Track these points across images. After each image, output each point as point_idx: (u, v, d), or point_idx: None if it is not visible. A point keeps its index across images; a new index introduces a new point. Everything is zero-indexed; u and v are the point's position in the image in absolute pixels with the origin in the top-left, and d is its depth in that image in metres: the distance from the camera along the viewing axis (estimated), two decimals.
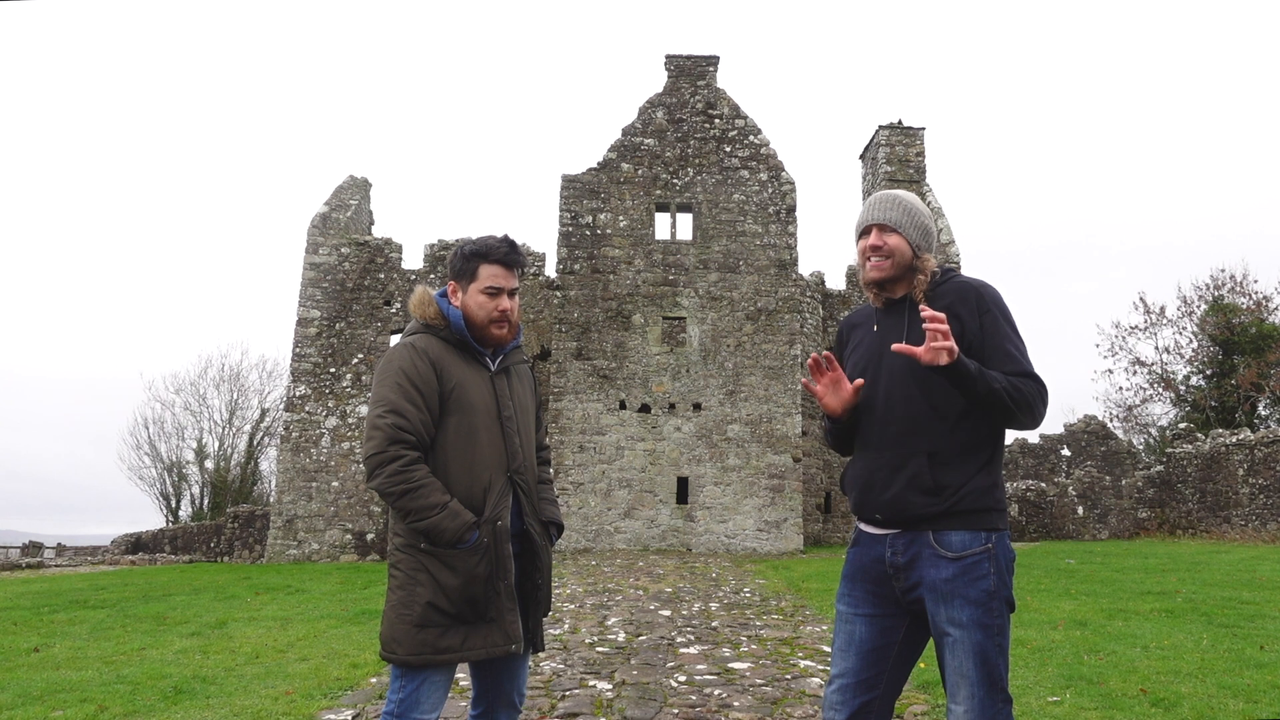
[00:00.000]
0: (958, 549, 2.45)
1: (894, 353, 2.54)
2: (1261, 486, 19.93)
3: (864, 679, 2.54)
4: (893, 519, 2.53)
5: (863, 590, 2.61)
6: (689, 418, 19.76)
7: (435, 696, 2.77)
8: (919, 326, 2.55)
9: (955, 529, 2.46)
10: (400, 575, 2.78)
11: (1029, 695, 5.08)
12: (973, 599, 2.41)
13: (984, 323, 2.53)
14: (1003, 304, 2.59)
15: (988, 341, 2.51)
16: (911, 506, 2.48)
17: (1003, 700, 2.40)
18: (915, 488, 2.47)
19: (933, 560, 2.46)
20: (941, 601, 2.44)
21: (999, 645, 2.41)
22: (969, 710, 2.39)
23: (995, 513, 2.50)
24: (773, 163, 21.07)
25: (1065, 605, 8.92)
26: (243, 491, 34.40)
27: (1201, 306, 32.62)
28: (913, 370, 2.52)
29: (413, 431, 2.75)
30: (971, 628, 2.40)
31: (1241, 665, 5.78)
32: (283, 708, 5.04)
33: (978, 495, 2.47)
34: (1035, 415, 2.47)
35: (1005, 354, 2.50)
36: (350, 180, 24.48)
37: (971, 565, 2.43)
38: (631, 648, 6.76)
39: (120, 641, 7.95)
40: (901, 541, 2.52)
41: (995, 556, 2.46)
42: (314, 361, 21.90)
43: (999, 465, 2.56)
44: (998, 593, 2.43)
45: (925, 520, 2.48)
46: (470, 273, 2.93)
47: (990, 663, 2.39)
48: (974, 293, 2.58)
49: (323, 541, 21.04)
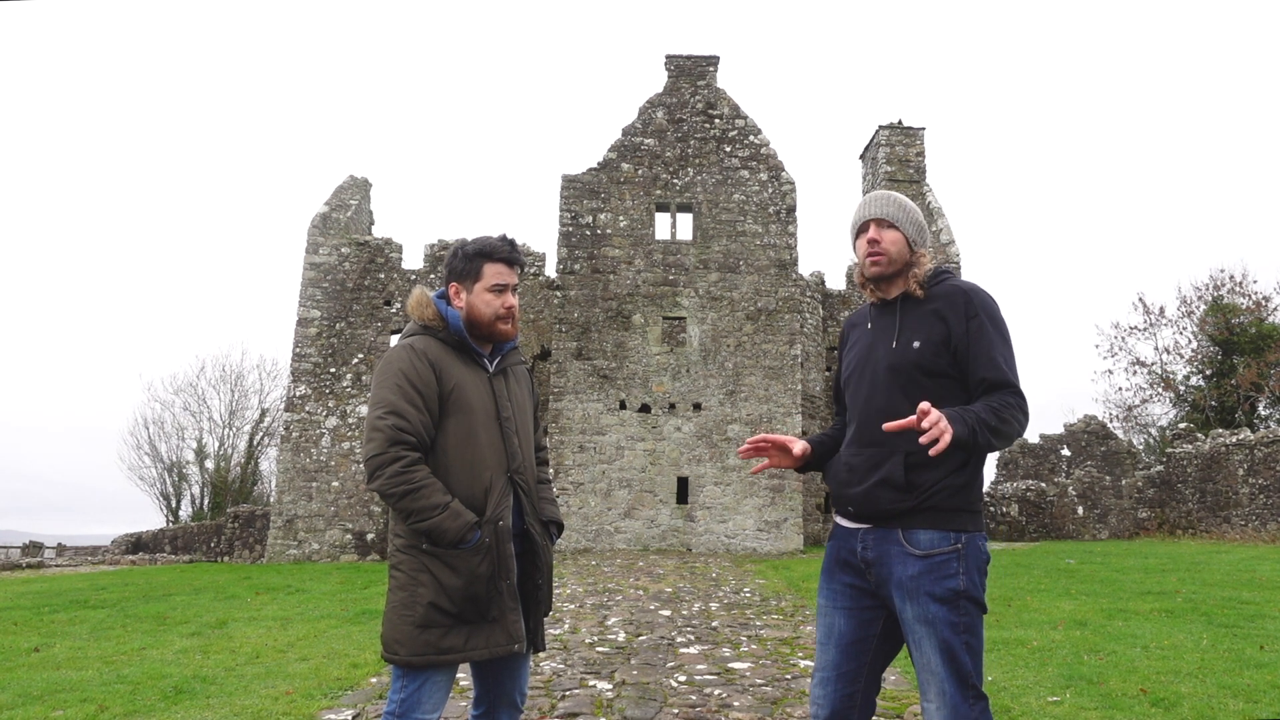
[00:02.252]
0: (925, 547, 2.46)
1: (879, 353, 2.62)
2: (1261, 486, 19.93)
3: (845, 672, 2.58)
4: (864, 513, 2.56)
5: (840, 583, 2.64)
6: (689, 418, 19.76)
7: (437, 697, 2.77)
8: (909, 323, 2.60)
9: (924, 527, 2.48)
10: (402, 576, 2.78)
11: (1029, 695, 5.09)
12: (939, 596, 2.43)
13: (970, 327, 2.53)
14: (993, 309, 2.57)
15: (973, 346, 2.51)
16: (881, 502, 2.51)
17: (974, 697, 2.41)
18: (887, 484, 2.50)
19: (901, 557, 2.48)
20: (909, 598, 2.46)
21: (966, 643, 2.42)
22: (940, 707, 2.41)
23: (967, 513, 2.51)
24: (773, 163, 21.07)
25: (1065, 605, 8.92)
26: (243, 491, 34.38)
27: (1201, 306, 32.62)
28: (894, 372, 2.57)
29: (413, 433, 2.75)
30: (938, 624, 2.42)
31: (1241, 665, 5.79)
32: (283, 708, 5.04)
33: (949, 494, 2.48)
34: (1017, 436, 2.48)
35: (989, 360, 2.50)
36: (350, 180, 24.48)
37: (940, 564, 2.45)
38: (631, 648, 6.76)
39: (120, 641, 7.95)
40: (872, 537, 2.55)
41: (965, 556, 2.47)
42: (314, 361, 21.90)
43: (977, 468, 2.56)
44: (966, 592, 2.44)
45: (894, 517, 2.50)
46: (474, 272, 2.94)
47: (957, 659, 2.40)
48: (963, 296, 2.58)
49: (323, 541, 21.04)
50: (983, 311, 2.55)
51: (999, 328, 2.55)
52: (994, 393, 2.47)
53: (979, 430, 2.34)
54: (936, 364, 2.53)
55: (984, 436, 2.35)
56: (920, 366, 2.53)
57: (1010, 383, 2.48)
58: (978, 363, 2.50)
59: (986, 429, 2.36)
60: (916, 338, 2.56)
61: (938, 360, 2.53)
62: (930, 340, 2.54)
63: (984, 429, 2.35)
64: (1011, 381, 2.48)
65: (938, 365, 2.53)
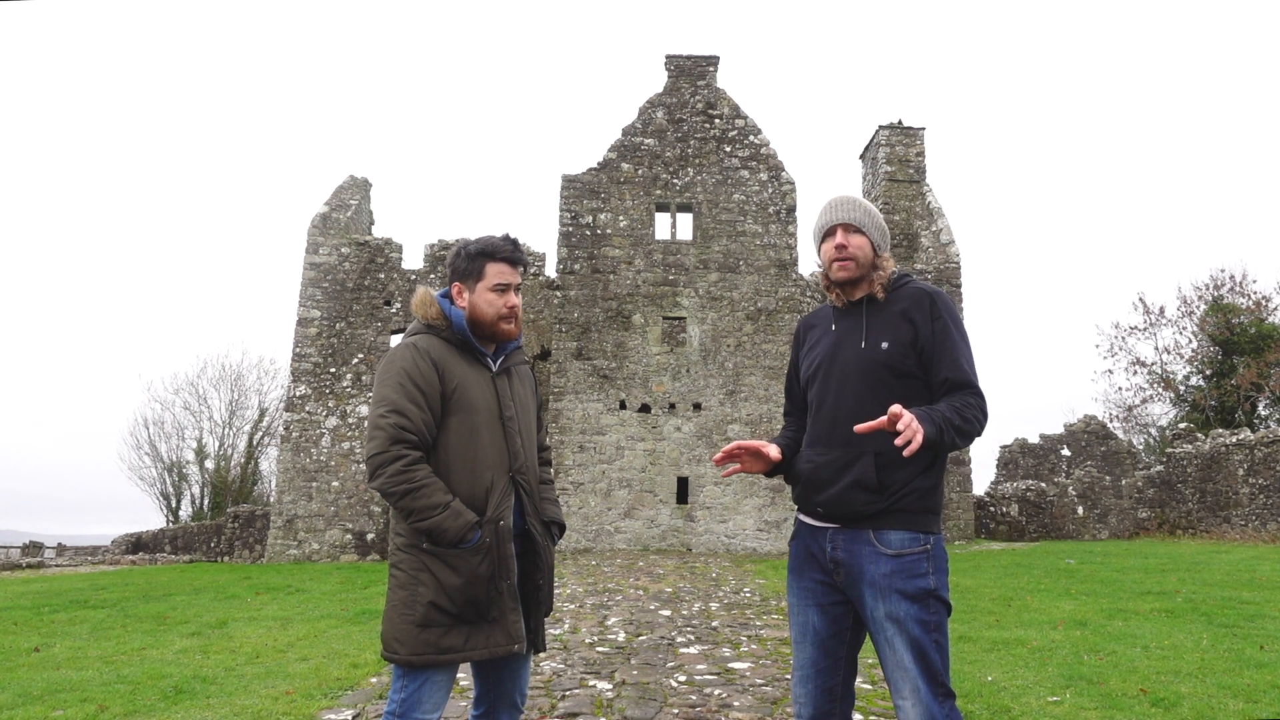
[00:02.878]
0: (896, 547, 2.54)
1: (847, 354, 2.69)
2: (1261, 486, 19.93)
3: (823, 667, 2.65)
4: (835, 514, 2.61)
5: (811, 580, 2.70)
6: (689, 417, 19.76)
7: (437, 696, 2.77)
8: (876, 324, 2.69)
9: (895, 528, 2.55)
10: (402, 575, 2.78)
11: (1029, 695, 5.09)
12: (910, 594, 2.50)
13: (935, 329, 2.63)
14: (954, 311, 2.71)
15: (937, 346, 2.62)
16: (855, 503, 2.57)
17: (944, 694, 2.47)
18: (859, 486, 2.56)
19: (873, 556, 2.54)
20: (880, 596, 2.52)
21: (936, 641, 2.49)
22: (915, 704, 2.46)
23: (933, 515, 2.60)
24: (773, 163, 21.07)
25: (1065, 605, 8.92)
26: (243, 491, 34.38)
27: (1201, 306, 32.61)
28: (863, 372, 2.64)
29: (415, 432, 2.75)
30: (908, 622, 2.48)
31: (1241, 665, 5.79)
32: (283, 708, 5.04)
33: (919, 496, 2.57)
34: (977, 436, 2.57)
35: (952, 361, 2.60)
36: (350, 180, 24.49)
37: (911, 563, 2.52)
38: (632, 648, 6.76)
39: (120, 641, 7.95)
40: (842, 537, 2.61)
41: (933, 557, 2.56)
42: (314, 361, 21.91)
43: (941, 469, 2.66)
44: (935, 591, 2.52)
45: (866, 518, 2.57)
46: (477, 272, 2.95)
47: (928, 657, 2.47)
48: (928, 298, 2.68)
49: (323, 541, 21.04)
50: (946, 314, 2.66)
51: (960, 330, 2.67)
52: (955, 392, 2.58)
53: (946, 429, 2.44)
54: (905, 364, 2.62)
55: (949, 435, 2.45)
56: (889, 366, 2.62)
57: (972, 383, 2.59)
58: (941, 363, 2.60)
59: (952, 428, 2.46)
60: (884, 339, 2.65)
61: (905, 361, 2.62)
62: (899, 341, 2.63)
63: (950, 428, 2.45)
64: (973, 382, 2.60)
65: (905, 365, 2.62)
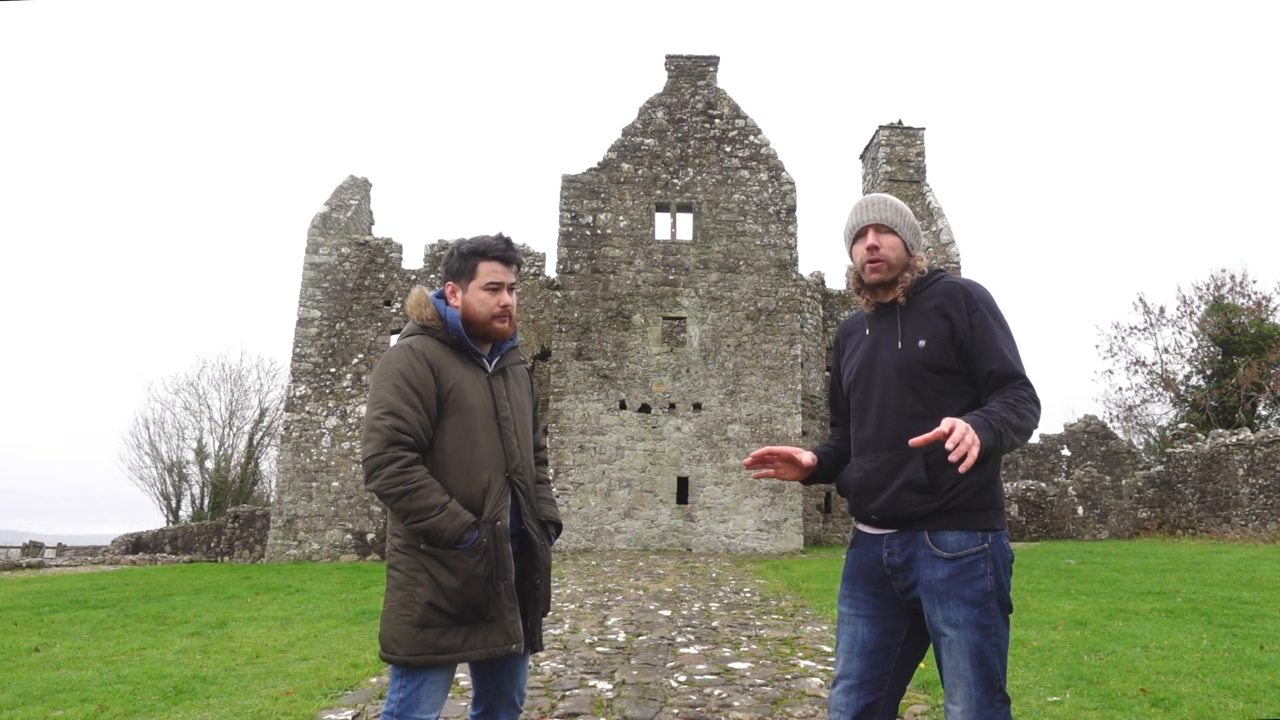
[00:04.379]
0: (953, 549, 2.44)
1: (885, 355, 2.60)
2: (1261, 486, 19.92)
3: (868, 680, 2.54)
4: (888, 519, 2.53)
5: (863, 591, 2.61)
6: (689, 418, 19.76)
7: (435, 696, 2.77)
8: (911, 323, 2.60)
9: (951, 529, 2.46)
10: (400, 575, 2.78)
11: (1029, 695, 5.08)
12: (969, 599, 2.40)
13: (973, 321, 2.54)
14: (992, 303, 2.60)
15: (977, 340, 2.53)
16: (906, 505, 2.48)
17: (1000, 700, 2.39)
18: (910, 487, 2.47)
19: (929, 560, 2.46)
20: (938, 602, 2.43)
21: (995, 646, 2.40)
22: (966, 710, 2.38)
23: (992, 511, 2.49)
24: (773, 163, 21.07)
25: (1065, 605, 8.91)
26: (243, 491, 34.39)
27: (1201, 307, 32.61)
28: (903, 373, 2.56)
29: (411, 433, 2.75)
30: (967, 628, 2.39)
31: (1241, 665, 5.78)
32: (283, 708, 5.04)
33: (973, 493, 2.46)
34: (1035, 428, 2.47)
35: (995, 353, 2.51)
36: (350, 180, 24.49)
37: (968, 565, 2.43)
38: (631, 648, 6.76)
39: (120, 641, 7.95)
40: (898, 542, 2.52)
41: (992, 557, 2.45)
42: (314, 361, 21.91)
43: (996, 463, 2.54)
44: (994, 593, 2.43)
45: (920, 519, 2.48)
46: (469, 271, 2.94)
47: (987, 663, 2.38)
48: (963, 292, 2.60)
49: (323, 541, 21.05)
50: (983, 305, 2.57)
51: (1000, 320, 2.57)
52: (1004, 385, 2.48)
53: (1005, 432, 2.33)
54: (944, 360, 2.53)
55: (1009, 438, 2.34)
56: (928, 364, 2.54)
57: (1019, 373, 2.49)
58: (984, 356, 2.51)
59: (1010, 428, 2.34)
60: (921, 336, 2.56)
61: (944, 356, 2.53)
62: (936, 338, 2.55)
63: (1008, 429, 2.34)
64: (1020, 372, 2.49)
65: (945, 361, 2.53)
